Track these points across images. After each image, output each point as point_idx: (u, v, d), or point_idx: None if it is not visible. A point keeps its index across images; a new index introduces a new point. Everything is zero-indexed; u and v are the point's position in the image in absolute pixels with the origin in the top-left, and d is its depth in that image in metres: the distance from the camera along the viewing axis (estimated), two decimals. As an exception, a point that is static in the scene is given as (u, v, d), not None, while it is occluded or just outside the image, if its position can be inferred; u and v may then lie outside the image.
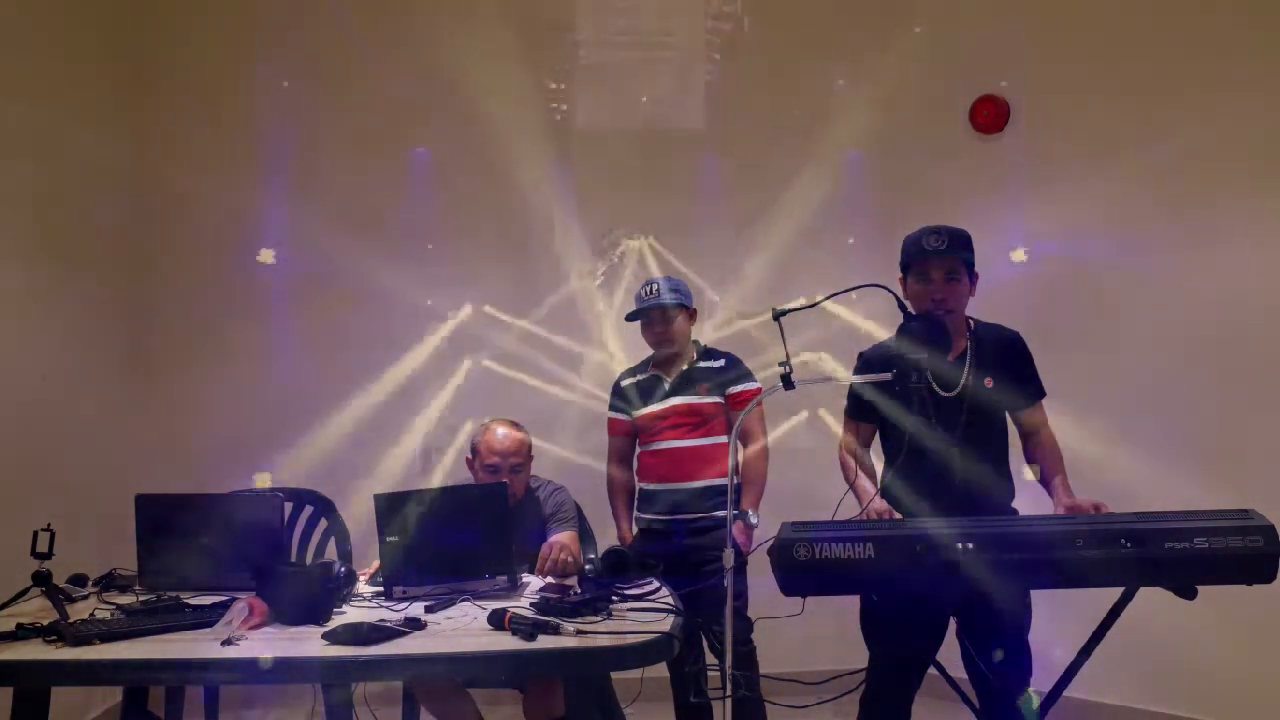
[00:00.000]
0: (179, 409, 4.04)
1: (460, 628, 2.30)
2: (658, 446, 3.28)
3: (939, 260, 2.53)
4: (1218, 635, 3.22)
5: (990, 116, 3.91)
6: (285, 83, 4.03)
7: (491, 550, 2.64)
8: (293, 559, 3.04)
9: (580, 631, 2.19)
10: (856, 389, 2.69)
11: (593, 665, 2.30)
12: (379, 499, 2.62)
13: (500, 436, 3.02)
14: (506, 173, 4.08)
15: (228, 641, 2.16)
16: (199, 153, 4.05)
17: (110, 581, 2.70)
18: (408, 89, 4.09)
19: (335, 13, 4.08)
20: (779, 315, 2.41)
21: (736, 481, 3.08)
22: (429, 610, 2.42)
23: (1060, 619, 2.46)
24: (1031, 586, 2.39)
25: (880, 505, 2.45)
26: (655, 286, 3.31)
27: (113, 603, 2.50)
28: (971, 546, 2.12)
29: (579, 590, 2.52)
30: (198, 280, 4.08)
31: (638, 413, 3.32)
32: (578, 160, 4.13)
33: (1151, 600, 2.23)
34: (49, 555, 2.50)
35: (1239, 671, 3.37)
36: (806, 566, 2.14)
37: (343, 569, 2.60)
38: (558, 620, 2.22)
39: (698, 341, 3.40)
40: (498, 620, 2.24)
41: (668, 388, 3.29)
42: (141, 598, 2.54)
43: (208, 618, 2.32)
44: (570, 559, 2.79)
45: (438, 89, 4.08)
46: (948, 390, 2.56)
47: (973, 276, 2.59)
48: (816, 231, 4.12)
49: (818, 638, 2.84)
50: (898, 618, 2.49)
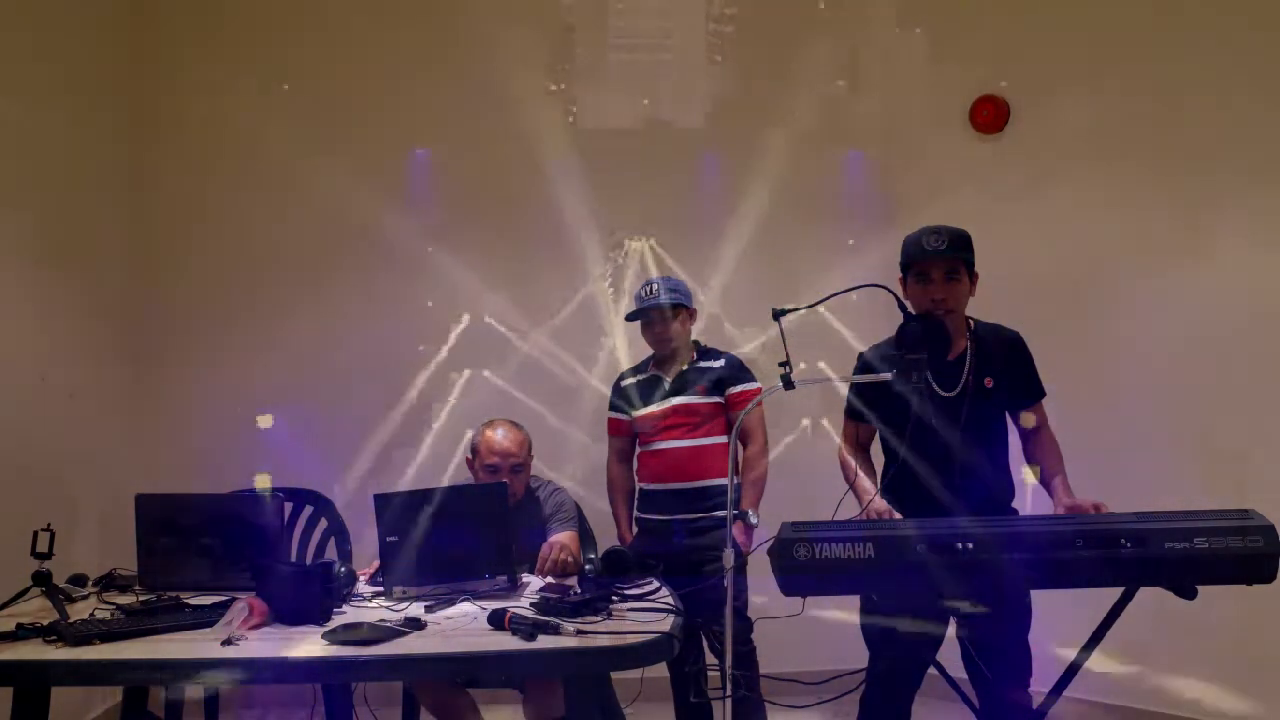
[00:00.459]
0: (179, 409, 4.04)
1: (460, 628, 2.30)
2: (657, 446, 3.27)
3: (939, 260, 2.53)
4: (1217, 635, 3.23)
5: (990, 116, 3.91)
6: (285, 85, 4.03)
7: (491, 550, 2.64)
8: (293, 559, 3.04)
9: (580, 631, 2.19)
10: (856, 389, 2.69)
11: (593, 665, 2.30)
12: (379, 499, 2.62)
13: (500, 436, 3.02)
14: (507, 173, 4.09)
15: (228, 641, 2.17)
16: (199, 153, 4.05)
17: (110, 581, 2.71)
18: (408, 89, 4.09)
19: (335, 13, 4.08)
20: (779, 315, 2.41)
21: (736, 481, 3.08)
22: (429, 610, 2.42)
23: (1060, 619, 2.46)
24: (1031, 586, 2.39)
25: (880, 505, 2.45)
26: (654, 287, 3.31)
27: (113, 603, 2.50)
28: (971, 546, 2.12)
29: (579, 590, 2.52)
30: (198, 280, 4.08)
31: (637, 413, 3.32)
32: (578, 161, 4.12)
33: (1151, 600, 2.24)
34: (49, 555, 2.51)
35: (1238, 671, 3.38)
36: (806, 566, 2.14)
37: (343, 569, 2.61)
38: (558, 620, 2.22)
39: (698, 341, 3.39)
40: (498, 620, 2.24)
41: (667, 388, 3.29)
42: (141, 598, 2.54)
43: (208, 618, 2.32)
44: (570, 559, 2.80)
45: (438, 89, 4.09)
46: (948, 390, 2.56)
47: (973, 276, 2.60)
48: (816, 232, 4.13)
49: (818, 638, 2.83)
50: (898, 617, 2.49)
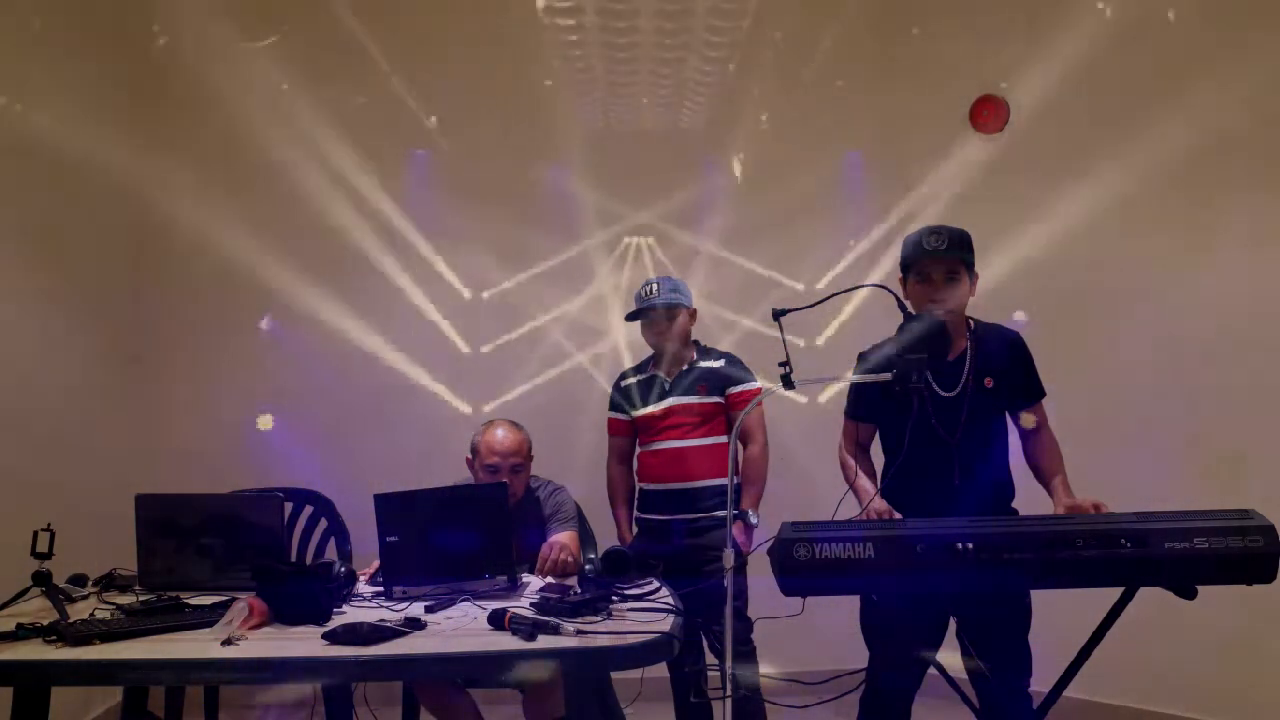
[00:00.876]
0: (179, 409, 4.04)
1: (460, 628, 2.30)
2: (658, 446, 3.27)
3: (939, 260, 2.53)
4: (1217, 635, 3.22)
5: (990, 116, 3.91)
6: (285, 85, 4.03)
7: (491, 550, 2.63)
8: (293, 559, 3.04)
9: (580, 631, 2.19)
10: (856, 389, 2.69)
11: (593, 665, 2.29)
12: (379, 499, 2.62)
13: (500, 436, 3.02)
14: (508, 174, 4.09)
15: (228, 641, 2.16)
16: (199, 153, 4.05)
17: (110, 581, 2.70)
18: (408, 91, 4.09)
19: (334, 14, 4.08)
20: (779, 315, 2.41)
21: (736, 481, 3.08)
22: (429, 610, 2.42)
23: (1060, 619, 2.46)
24: (1031, 586, 2.40)
25: (880, 505, 2.45)
26: (654, 286, 3.31)
27: (113, 603, 2.50)
28: (971, 546, 2.12)
29: (579, 590, 2.52)
30: (198, 280, 4.08)
31: (638, 413, 3.32)
32: (578, 162, 4.12)
33: (1151, 600, 2.24)
34: (49, 555, 2.50)
35: (1238, 671, 3.37)
36: (806, 566, 2.14)
37: (343, 569, 2.61)
38: (558, 620, 2.22)
39: (698, 341, 3.39)
40: (498, 620, 2.24)
41: (667, 387, 3.29)
42: (141, 598, 2.54)
43: (208, 618, 2.32)
44: (570, 559, 2.80)
45: (438, 90, 4.09)
46: (948, 390, 2.56)
47: (973, 277, 2.60)
48: (816, 232, 4.13)
49: (818, 638, 2.83)
50: (897, 618, 2.49)
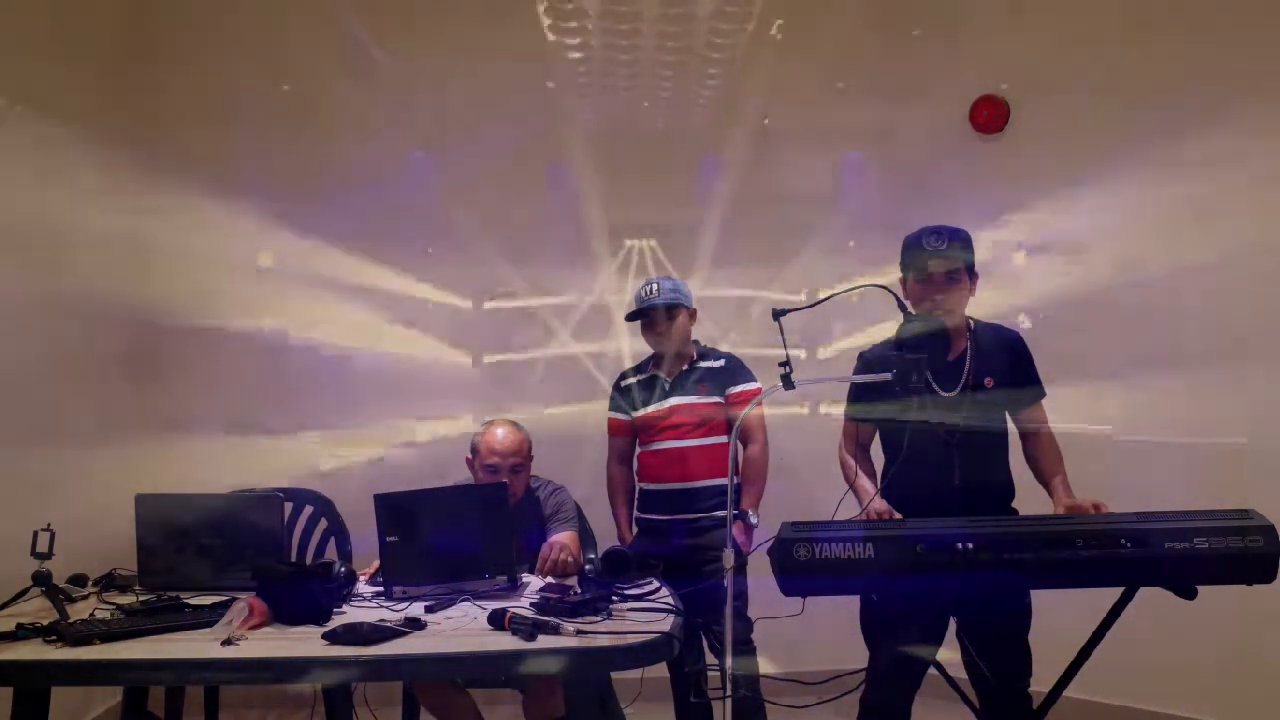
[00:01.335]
0: (179, 409, 4.03)
1: (460, 628, 2.30)
2: (658, 446, 3.27)
3: (939, 260, 2.53)
4: (1217, 635, 3.22)
5: (990, 116, 3.91)
6: (285, 86, 4.03)
7: (491, 550, 2.64)
8: (293, 559, 3.04)
9: (580, 631, 2.19)
10: (856, 389, 2.69)
11: (593, 665, 2.29)
12: (379, 499, 2.62)
13: (500, 437, 3.01)
14: (509, 173, 4.09)
15: (228, 641, 2.17)
16: (199, 154, 4.04)
17: (110, 581, 2.71)
18: (408, 90, 4.09)
19: (333, 14, 4.08)
20: (779, 315, 2.41)
21: (736, 481, 3.08)
22: (429, 610, 2.42)
23: (1060, 619, 2.46)
24: (1031, 586, 2.40)
25: (880, 505, 2.45)
26: (654, 287, 3.31)
27: (113, 603, 2.50)
28: (971, 546, 2.13)
29: (579, 590, 2.52)
30: (198, 280, 4.08)
31: (638, 413, 3.32)
32: (578, 162, 4.12)
33: (1151, 600, 2.23)
34: (49, 555, 2.50)
35: (1238, 671, 3.37)
36: (806, 566, 2.14)
37: (343, 569, 2.61)
38: (558, 620, 2.22)
39: (698, 341, 3.39)
40: (498, 620, 2.24)
41: (667, 388, 3.29)
42: (141, 598, 2.54)
43: (208, 618, 2.33)
44: (570, 559, 2.80)
45: (437, 90, 4.09)
46: (948, 390, 2.56)
47: (973, 277, 2.60)
48: (816, 233, 4.13)
49: (818, 638, 2.83)
50: (898, 618, 2.49)
